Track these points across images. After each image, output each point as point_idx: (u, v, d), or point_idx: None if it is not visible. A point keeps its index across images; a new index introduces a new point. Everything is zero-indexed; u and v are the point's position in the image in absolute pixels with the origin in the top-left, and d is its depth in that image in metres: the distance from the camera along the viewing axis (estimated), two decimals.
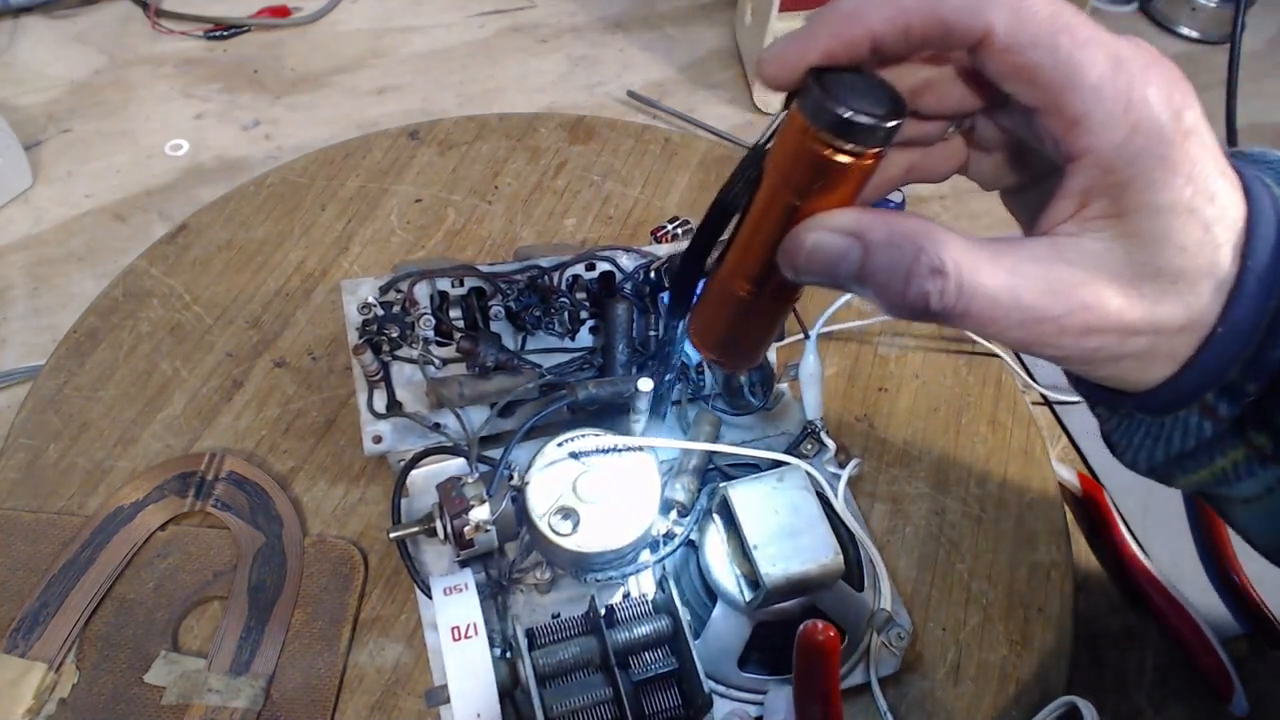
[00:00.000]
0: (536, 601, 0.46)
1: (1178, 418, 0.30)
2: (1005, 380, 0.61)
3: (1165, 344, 0.28)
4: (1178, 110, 0.26)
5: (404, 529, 0.44)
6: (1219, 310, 0.27)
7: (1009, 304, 0.26)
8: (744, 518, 0.42)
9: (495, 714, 0.37)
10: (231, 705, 0.44)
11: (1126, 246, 0.27)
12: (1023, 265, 0.27)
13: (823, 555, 0.41)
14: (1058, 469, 0.57)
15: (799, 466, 0.46)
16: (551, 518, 0.42)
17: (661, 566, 0.45)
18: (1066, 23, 0.26)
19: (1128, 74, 0.26)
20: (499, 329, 0.49)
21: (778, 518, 0.42)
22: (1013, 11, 0.26)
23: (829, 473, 0.51)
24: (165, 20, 0.82)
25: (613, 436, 0.45)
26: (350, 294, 0.48)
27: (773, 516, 0.42)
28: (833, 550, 0.41)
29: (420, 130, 0.71)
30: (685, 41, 0.87)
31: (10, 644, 0.45)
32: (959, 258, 0.26)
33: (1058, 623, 0.51)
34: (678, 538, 0.45)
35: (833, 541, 0.42)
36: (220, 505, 0.50)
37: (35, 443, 0.52)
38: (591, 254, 0.51)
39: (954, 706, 0.47)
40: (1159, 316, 0.27)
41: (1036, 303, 0.26)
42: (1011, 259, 0.27)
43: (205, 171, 0.70)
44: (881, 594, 0.47)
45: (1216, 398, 0.29)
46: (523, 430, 0.46)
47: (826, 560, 0.41)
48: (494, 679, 0.38)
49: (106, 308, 0.59)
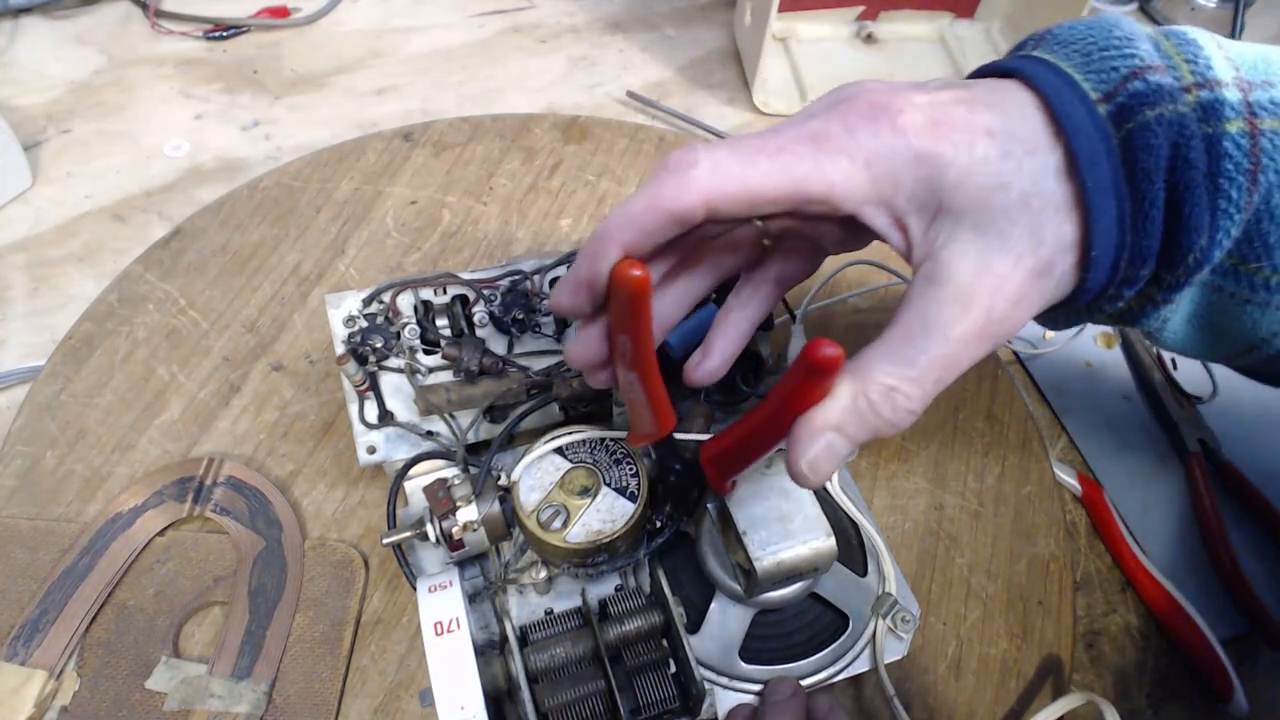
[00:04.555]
0: (534, 601, 0.46)
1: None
2: (1001, 375, 0.61)
3: (1061, 267, 0.32)
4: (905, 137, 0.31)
5: (397, 534, 0.44)
6: (1077, 226, 0.31)
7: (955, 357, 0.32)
8: (734, 504, 0.41)
9: (479, 707, 0.37)
10: (234, 710, 0.44)
11: (978, 239, 0.31)
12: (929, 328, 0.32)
13: (814, 538, 0.41)
14: (1057, 469, 0.57)
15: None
16: (540, 515, 0.43)
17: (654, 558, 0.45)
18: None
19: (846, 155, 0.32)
20: (485, 334, 0.49)
21: (768, 503, 0.42)
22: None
23: None
24: (165, 20, 0.82)
25: (599, 431, 0.45)
26: (334, 307, 0.49)
27: (763, 502, 0.42)
28: (824, 532, 0.41)
29: (414, 132, 0.71)
30: (684, 42, 0.86)
31: (10, 652, 0.45)
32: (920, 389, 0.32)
33: (1058, 615, 0.51)
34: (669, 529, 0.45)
35: (824, 524, 0.41)
36: (219, 510, 0.50)
37: (32, 450, 0.53)
38: (574, 255, 0.51)
39: (956, 700, 0.48)
40: (1044, 265, 0.31)
41: (954, 332, 0.31)
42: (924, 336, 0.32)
43: (205, 172, 0.70)
44: (885, 577, 0.46)
45: (1118, 289, 0.33)
46: (506, 429, 0.46)
47: (818, 543, 0.41)
48: (477, 672, 0.38)
49: (102, 313, 0.59)
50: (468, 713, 0.37)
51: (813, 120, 0.33)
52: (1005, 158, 0.31)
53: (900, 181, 0.32)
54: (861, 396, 0.31)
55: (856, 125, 0.32)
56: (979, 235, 0.31)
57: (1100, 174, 0.30)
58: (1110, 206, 0.31)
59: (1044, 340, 0.64)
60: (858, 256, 0.62)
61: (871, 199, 0.32)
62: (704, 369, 0.40)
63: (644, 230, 0.32)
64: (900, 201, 0.32)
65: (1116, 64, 0.31)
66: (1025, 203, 0.31)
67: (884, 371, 0.32)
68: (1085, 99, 0.31)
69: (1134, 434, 0.60)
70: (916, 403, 0.32)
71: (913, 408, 0.32)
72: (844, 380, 0.32)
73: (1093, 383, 0.63)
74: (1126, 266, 0.32)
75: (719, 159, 0.32)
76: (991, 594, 0.51)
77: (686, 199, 0.31)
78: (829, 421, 0.32)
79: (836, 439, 0.32)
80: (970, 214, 0.31)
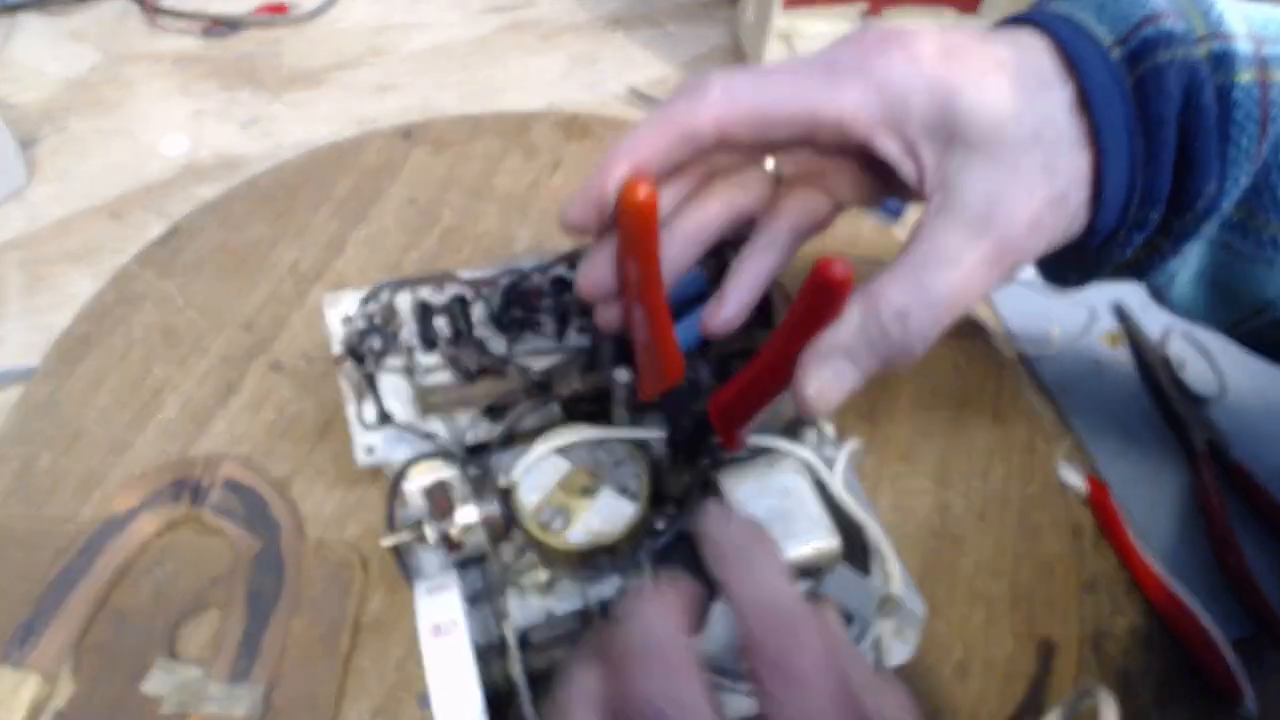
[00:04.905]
0: (534, 603, 0.45)
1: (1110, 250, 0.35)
2: (1007, 375, 0.60)
3: (1075, 200, 0.32)
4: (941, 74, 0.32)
5: (396, 536, 0.43)
6: (1090, 161, 0.31)
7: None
8: (736, 504, 0.41)
9: (479, 709, 0.37)
10: (231, 713, 0.44)
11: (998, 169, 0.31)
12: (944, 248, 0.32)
13: (817, 537, 0.41)
14: (1062, 469, 0.56)
15: (793, 449, 0.45)
16: (541, 516, 0.42)
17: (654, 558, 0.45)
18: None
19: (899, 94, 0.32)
20: (484, 334, 0.49)
21: (770, 501, 0.42)
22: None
23: (826, 455, 0.50)
24: (162, 17, 0.81)
25: (600, 430, 0.45)
26: (332, 307, 0.48)
27: (765, 500, 0.42)
28: (827, 532, 0.41)
29: (414, 130, 0.71)
30: (686, 38, 0.86)
31: (5, 654, 0.44)
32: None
33: (1064, 616, 0.50)
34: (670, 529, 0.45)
35: (827, 523, 0.41)
36: (217, 511, 0.50)
37: (28, 449, 0.52)
38: (574, 254, 0.50)
39: (961, 703, 0.47)
40: (1058, 195, 0.31)
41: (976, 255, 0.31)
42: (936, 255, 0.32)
43: (203, 169, 0.70)
44: (890, 578, 0.46)
45: (1129, 232, 0.33)
46: (506, 429, 0.46)
47: (821, 543, 0.41)
48: (476, 675, 0.37)
49: (98, 312, 0.58)
50: (467, 716, 0.36)
51: (830, 50, 0.33)
52: (1019, 89, 0.31)
53: (912, 107, 0.32)
54: (872, 318, 0.31)
55: (870, 52, 0.32)
56: (992, 163, 0.31)
57: (1113, 113, 0.31)
58: (1123, 146, 0.31)
59: (1050, 340, 0.64)
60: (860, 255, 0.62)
61: (883, 124, 0.32)
62: (721, 317, 0.39)
63: (655, 147, 0.32)
64: (912, 128, 0.32)
65: (1130, 11, 0.32)
66: (1037, 135, 0.31)
67: (897, 293, 0.31)
68: (1098, 43, 0.32)
69: (1141, 434, 0.60)
70: (929, 327, 0.31)
71: (925, 332, 0.31)
72: (854, 303, 0.31)
73: (1099, 382, 0.62)
74: (1137, 208, 0.32)
75: (733, 82, 0.32)
76: (997, 595, 0.51)
77: (700, 117, 0.32)
78: (838, 344, 0.31)
79: (845, 364, 0.31)
80: (983, 143, 0.31)
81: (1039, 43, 0.33)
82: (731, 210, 0.38)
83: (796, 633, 0.28)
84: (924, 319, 0.31)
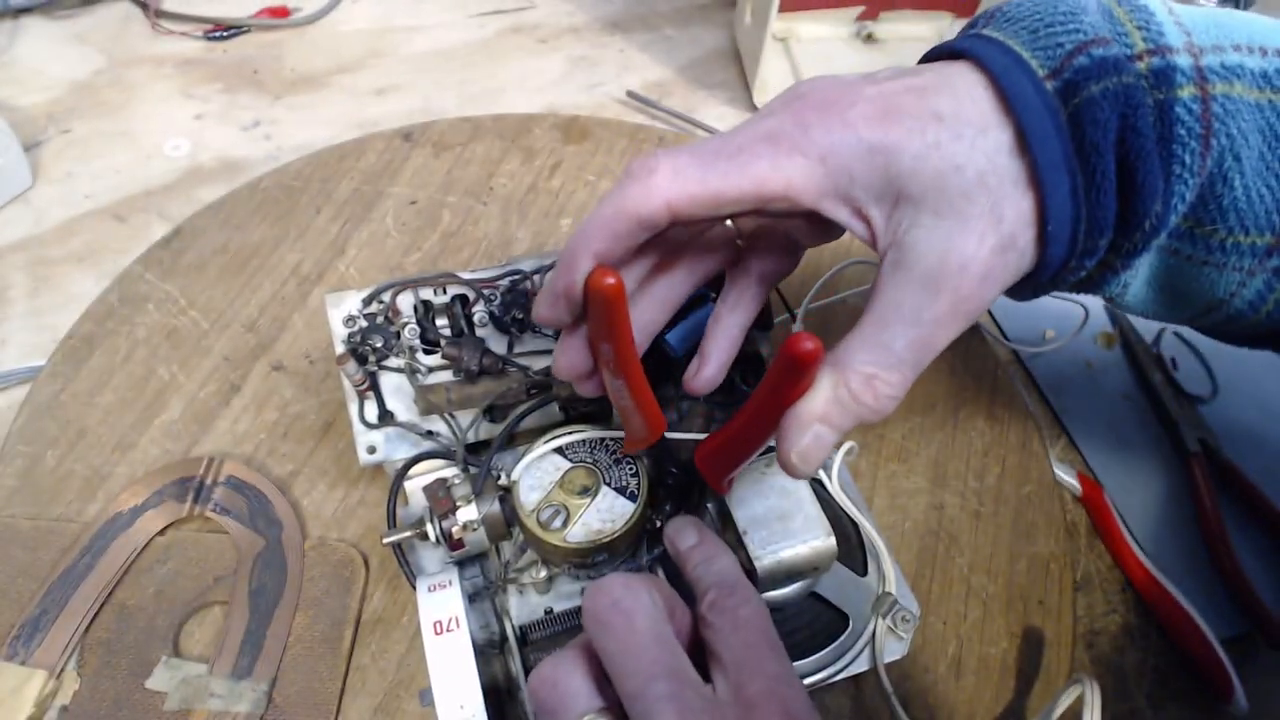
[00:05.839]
0: (534, 600, 0.46)
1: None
2: (1001, 375, 0.61)
3: (1023, 241, 0.32)
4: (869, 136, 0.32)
5: (397, 533, 0.44)
6: (1034, 200, 0.32)
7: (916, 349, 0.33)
8: (734, 504, 0.41)
9: (479, 706, 0.37)
10: (234, 710, 0.44)
11: (938, 227, 0.32)
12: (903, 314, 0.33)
13: (814, 538, 0.41)
14: (1057, 469, 0.57)
15: None
16: (540, 515, 0.43)
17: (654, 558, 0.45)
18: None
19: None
20: (485, 334, 0.49)
21: (767, 502, 0.42)
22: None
23: None
24: (165, 20, 0.82)
25: (599, 431, 0.45)
26: (334, 307, 0.49)
27: (763, 501, 0.42)
28: (824, 532, 0.41)
29: (414, 132, 0.71)
30: (684, 42, 0.86)
31: (10, 652, 0.45)
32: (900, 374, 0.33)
33: (1058, 615, 0.51)
34: None
35: (824, 523, 0.41)
36: (219, 509, 0.50)
37: (33, 449, 0.53)
38: None
39: (955, 700, 0.48)
40: (1006, 241, 0.32)
41: (926, 318, 0.32)
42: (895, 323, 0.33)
43: (205, 172, 0.70)
44: (885, 577, 0.46)
45: (1079, 260, 0.33)
46: (506, 429, 0.46)
47: (818, 543, 0.41)
48: (476, 672, 0.38)
49: (102, 313, 0.59)
50: (467, 712, 0.37)
51: (769, 119, 0.33)
52: (957, 139, 0.31)
53: (855, 174, 0.32)
54: (843, 387, 0.32)
55: (810, 122, 0.32)
56: (940, 218, 0.31)
57: (1050, 150, 0.31)
58: (1063, 181, 0.31)
59: (1044, 340, 0.64)
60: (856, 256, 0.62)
61: (829, 193, 0.33)
62: (702, 377, 0.40)
63: (613, 236, 0.33)
64: (858, 193, 0.32)
65: (1062, 39, 0.32)
66: (982, 181, 0.31)
67: (862, 360, 0.32)
68: (1033, 76, 0.32)
69: (1134, 433, 0.60)
70: (896, 388, 0.33)
71: (893, 393, 0.33)
72: (825, 372, 0.32)
73: (1093, 382, 0.63)
74: (1085, 238, 0.32)
75: (679, 163, 0.32)
76: (991, 594, 0.51)
77: (650, 203, 0.32)
78: (814, 413, 0.32)
79: (823, 429, 0.32)
80: (929, 198, 0.31)
81: (975, 80, 0.33)
82: (697, 276, 0.39)
83: None
84: (891, 380, 0.32)
